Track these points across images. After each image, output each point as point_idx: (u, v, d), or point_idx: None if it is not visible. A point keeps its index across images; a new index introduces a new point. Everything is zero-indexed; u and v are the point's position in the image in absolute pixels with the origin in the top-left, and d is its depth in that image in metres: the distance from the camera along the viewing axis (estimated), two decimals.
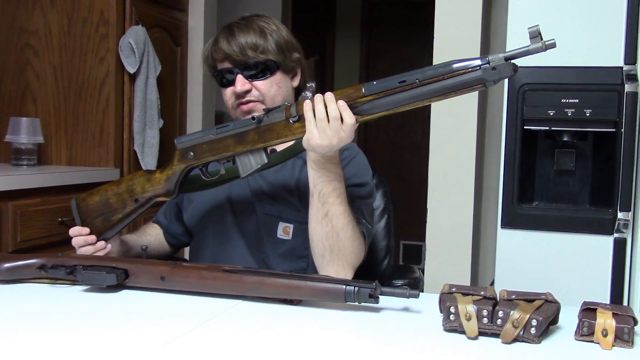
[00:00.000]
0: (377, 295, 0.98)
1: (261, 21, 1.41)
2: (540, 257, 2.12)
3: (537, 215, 2.15)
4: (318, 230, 1.23)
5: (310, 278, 1.02)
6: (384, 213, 1.76)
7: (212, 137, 1.21)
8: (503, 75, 1.01)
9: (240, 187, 1.41)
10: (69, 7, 2.60)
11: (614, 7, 2.03)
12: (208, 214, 1.45)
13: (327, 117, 1.11)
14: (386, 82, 1.07)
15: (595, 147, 2.17)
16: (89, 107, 2.61)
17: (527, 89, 2.10)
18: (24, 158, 2.44)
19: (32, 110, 2.65)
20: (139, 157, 2.67)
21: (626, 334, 0.84)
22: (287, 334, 0.92)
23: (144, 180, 1.29)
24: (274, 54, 1.38)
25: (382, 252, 1.73)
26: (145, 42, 2.64)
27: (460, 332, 0.89)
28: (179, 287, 1.08)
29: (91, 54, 2.59)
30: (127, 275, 1.10)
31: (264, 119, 1.17)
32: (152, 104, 2.72)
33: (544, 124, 2.11)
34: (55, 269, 1.12)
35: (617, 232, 2.04)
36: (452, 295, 0.92)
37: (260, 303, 1.05)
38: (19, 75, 2.65)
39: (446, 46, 2.49)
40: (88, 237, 1.29)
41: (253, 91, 1.38)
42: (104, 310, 1.02)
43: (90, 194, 1.33)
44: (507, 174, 2.15)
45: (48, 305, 1.05)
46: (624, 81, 2.00)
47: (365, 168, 1.43)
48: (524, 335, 0.86)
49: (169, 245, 1.58)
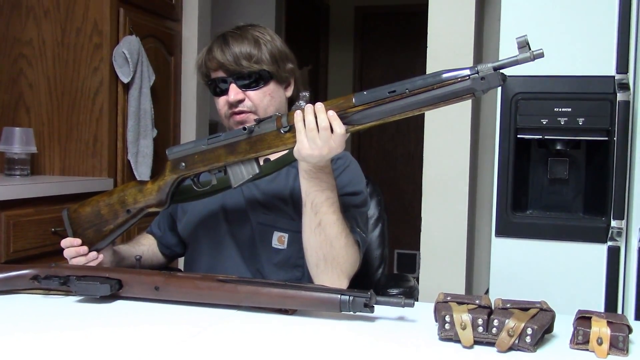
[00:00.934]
0: (372, 304, 0.98)
1: (256, 31, 1.41)
2: (535, 266, 2.13)
3: (531, 223, 2.15)
4: (311, 240, 1.23)
5: (305, 287, 1.02)
6: (378, 222, 1.77)
7: (204, 147, 1.21)
8: (492, 85, 1.01)
9: (235, 196, 1.41)
10: (63, 17, 2.60)
11: (606, 16, 2.04)
12: (202, 224, 1.45)
13: (317, 127, 1.11)
14: (376, 92, 1.08)
15: (588, 155, 2.18)
16: (82, 116, 2.60)
17: (520, 97, 2.10)
18: (17, 168, 2.43)
19: (26, 120, 2.64)
20: (133, 166, 2.67)
21: (621, 342, 0.85)
22: (282, 343, 0.92)
23: (135, 191, 1.29)
24: (267, 64, 1.38)
25: (377, 261, 1.73)
26: (139, 52, 2.64)
27: (455, 341, 0.89)
28: (173, 297, 1.08)
29: (85, 63, 2.59)
30: (121, 285, 1.10)
31: (255, 129, 1.17)
32: (146, 114, 2.71)
33: (537, 133, 2.11)
34: (49, 279, 1.11)
35: (610, 240, 2.05)
36: (447, 304, 0.92)
37: (254, 313, 1.05)
38: (12, 85, 2.65)
39: (439, 55, 2.50)
40: (80, 248, 1.28)
41: (246, 101, 1.38)
42: (98, 321, 1.02)
43: (82, 204, 1.33)
44: (501, 183, 2.15)
45: (41, 316, 1.05)
46: (616, 90, 2.01)
47: (359, 177, 1.43)
48: (519, 344, 0.86)
49: (162, 255, 1.58)
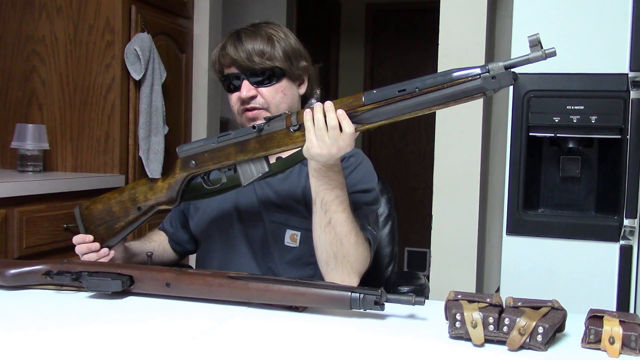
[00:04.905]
0: (382, 302, 0.98)
1: (270, 28, 1.41)
2: (546, 264, 2.12)
3: (543, 222, 2.14)
4: (322, 238, 1.23)
5: (315, 285, 1.02)
6: (388, 219, 1.76)
7: (214, 145, 1.21)
8: (503, 84, 1.00)
9: (248, 196, 1.41)
10: (75, 15, 2.61)
11: (620, 13, 2.02)
12: (215, 223, 1.45)
13: (326, 125, 1.11)
14: (386, 91, 1.07)
15: (600, 153, 2.16)
16: (94, 113, 2.62)
17: (532, 95, 2.09)
18: (29, 164, 2.45)
19: (38, 116, 2.66)
20: (144, 163, 2.68)
21: (633, 341, 0.84)
22: (292, 340, 0.92)
23: (146, 189, 1.30)
24: (280, 61, 1.38)
25: (387, 259, 1.73)
26: (151, 49, 2.65)
27: (466, 340, 0.89)
28: (184, 293, 1.08)
29: (97, 60, 2.60)
30: (132, 281, 1.10)
31: (265, 127, 1.17)
32: (157, 111, 2.73)
33: (549, 131, 2.10)
34: (61, 275, 1.12)
35: (623, 239, 2.03)
36: (458, 302, 0.92)
37: (265, 310, 1.05)
38: (25, 82, 2.67)
39: (450, 54, 2.49)
40: (91, 244, 1.30)
41: (258, 98, 1.39)
42: (109, 317, 1.02)
43: (94, 202, 1.34)
44: (512, 181, 2.14)
45: (53, 311, 1.05)
46: (630, 88, 2.00)
47: (371, 174, 1.43)
48: (530, 343, 0.86)
49: (174, 252, 1.59)
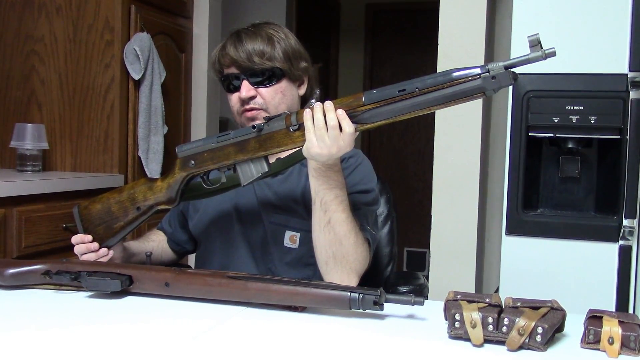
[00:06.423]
0: (381, 302, 0.98)
1: (270, 29, 1.41)
2: (545, 265, 2.12)
3: (542, 222, 2.14)
4: (321, 238, 1.23)
5: (314, 285, 1.02)
6: (387, 219, 1.76)
7: (213, 145, 1.21)
8: (503, 84, 1.00)
9: (247, 196, 1.41)
10: (75, 14, 2.61)
11: (619, 13, 2.02)
12: (214, 224, 1.45)
13: (326, 125, 1.11)
14: (386, 91, 1.07)
15: (600, 154, 2.16)
16: (93, 113, 2.61)
17: (531, 95, 2.09)
18: (29, 164, 2.45)
19: (37, 116, 2.66)
20: (143, 163, 2.68)
21: (632, 341, 0.84)
22: (291, 340, 0.92)
23: (145, 188, 1.30)
24: (280, 62, 1.38)
25: (386, 259, 1.73)
26: (150, 49, 2.65)
27: (465, 340, 0.89)
28: (183, 293, 1.08)
29: (96, 60, 2.60)
30: (131, 281, 1.10)
31: (265, 127, 1.17)
32: (157, 111, 2.72)
33: (548, 131, 2.10)
34: (60, 275, 1.12)
35: (622, 239, 2.03)
36: (457, 302, 0.91)
37: (264, 310, 1.05)
38: (25, 81, 2.67)
39: (450, 54, 2.49)
40: (90, 244, 1.29)
41: (257, 98, 1.38)
42: (108, 316, 1.02)
43: (93, 201, 1.33)
44: (512, 181, 2.14)
45: (52, 311, 1.05)
46: (629, 88, 2.00)
47: (371, 174, 1.43)
48: (529, 343, 0.86)
49: (172, 252, 1.59)
